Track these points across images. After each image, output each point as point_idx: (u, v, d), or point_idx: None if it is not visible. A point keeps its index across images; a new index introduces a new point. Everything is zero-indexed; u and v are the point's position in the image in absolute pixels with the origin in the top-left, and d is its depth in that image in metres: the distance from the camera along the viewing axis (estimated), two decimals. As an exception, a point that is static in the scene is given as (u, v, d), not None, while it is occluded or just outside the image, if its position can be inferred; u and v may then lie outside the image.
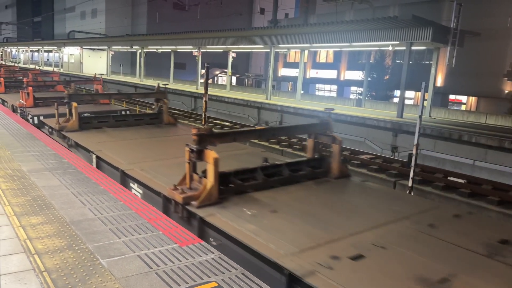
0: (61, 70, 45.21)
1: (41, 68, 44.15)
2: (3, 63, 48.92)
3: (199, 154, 5.42)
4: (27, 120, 12.21)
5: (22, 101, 13.91)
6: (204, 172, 5.43)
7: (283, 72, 44.08)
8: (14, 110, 14.61)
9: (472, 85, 28.19)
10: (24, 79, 15.51)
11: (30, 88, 14.26)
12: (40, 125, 11.31)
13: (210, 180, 5.29)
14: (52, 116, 10.90)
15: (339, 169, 6.84)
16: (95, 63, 44.08)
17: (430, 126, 14.70)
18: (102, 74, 17.67)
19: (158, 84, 12.06)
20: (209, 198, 5.28)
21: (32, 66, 45.90)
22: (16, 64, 42.70)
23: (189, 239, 4.23)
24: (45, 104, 14.29)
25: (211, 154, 5.31)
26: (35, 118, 12.33)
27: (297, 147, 14.93)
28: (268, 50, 23.67)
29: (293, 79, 37.78)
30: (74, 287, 3.22)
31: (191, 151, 5.41)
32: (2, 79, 19.17)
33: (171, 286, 3.30)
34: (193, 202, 5.22)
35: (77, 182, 5.98)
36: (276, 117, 20.23)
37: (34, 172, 6.37)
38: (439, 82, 29.63)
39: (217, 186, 5.35)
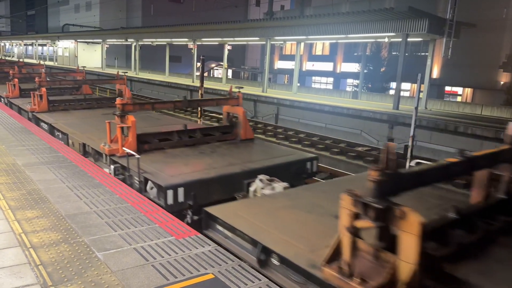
0: (56, 64, 44.93)
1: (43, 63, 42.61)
2: (21, 60, 38.90)
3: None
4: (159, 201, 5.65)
5: (126, 149, 6.64)
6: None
7: (279, 64, 43.95)
8: (86, 153, 7.93)
9: (468, 76, 28.20)
10: (118, 102, 7.24)
11: (131, 119, 7.13)
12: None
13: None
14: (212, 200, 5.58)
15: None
16: (90, 56, 43.78)
17: (426, 117, 14.72)
18: (241, 88, 9.53)
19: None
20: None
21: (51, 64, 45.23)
22: (41, 62, 28.99)
23: (186, 232, 4.22)
24: (154, 147, 7.58)
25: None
26: (190, 217, 5.49)
27: (294, 139, 14.92)
28: (264, 42, 23.55)
29: (289, 72, 37.69)
30: (70, 280, 3.21)
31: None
32: (43, 90, 11.63)
33: (167, 278, 3.30)
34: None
35: (72, 175, 5.95)
36: (273, 110, 20.19)
37: (29, 166, 6.33)
38: (435, 73, 29.62)
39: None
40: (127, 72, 15.35)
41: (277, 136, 15.81)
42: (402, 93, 20.74)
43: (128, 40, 35.84)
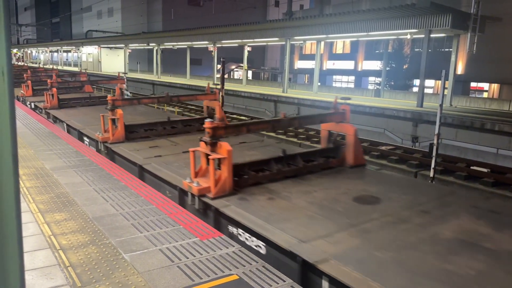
0: (82, 70, 46.00)
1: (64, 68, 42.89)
2: (85, 70, 27.87)
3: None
4: None
5: None
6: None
7: (299, 64, 43.77)
8: None
9: (494, 71, 27.41)
10: None
11: None
12: None
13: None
14: None
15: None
16: (113, 61, 44.70)
17: (451, 115, 14.39)
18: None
19: None
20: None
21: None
22: (121, 75, 18.04)
23: (210, 233, 4.26)
24: None
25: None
26: None
27: (315, 139, 14.82)
28: (284, 42, 23.51)
29: (310, 71, 37.49)
30: (98, 281, 3.28)
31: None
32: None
33: (192, 279, 3.33)
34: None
35: (98, 178, 6.08)
36: (293, 110, 20.13)
37: (57, 169, 6.50)
38: (460, 69, 28.92)
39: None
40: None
41: (298, 136, 15.74)
42: (426, 90, 20.33)
43: (150, 44, 36.41)
